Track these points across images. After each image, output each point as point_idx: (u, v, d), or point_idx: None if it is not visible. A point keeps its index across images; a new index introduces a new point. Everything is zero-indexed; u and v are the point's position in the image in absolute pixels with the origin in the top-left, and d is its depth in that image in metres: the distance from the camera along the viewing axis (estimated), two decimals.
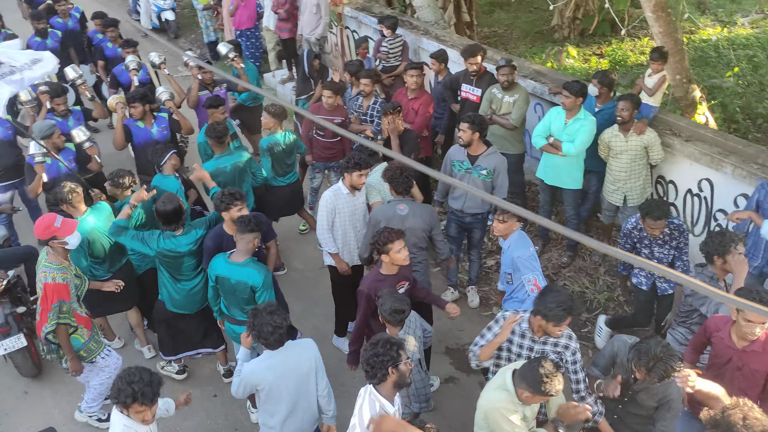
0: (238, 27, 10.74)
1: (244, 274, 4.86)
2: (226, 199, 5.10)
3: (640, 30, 11.47)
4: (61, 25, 10.00)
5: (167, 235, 5.19)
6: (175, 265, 5.28)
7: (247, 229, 4.84)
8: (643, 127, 6.14)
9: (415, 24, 9.20)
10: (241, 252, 4.92)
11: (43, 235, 4.87)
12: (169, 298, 5.46)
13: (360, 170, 5.39)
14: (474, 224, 6.32)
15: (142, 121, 6.92)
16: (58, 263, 4.91)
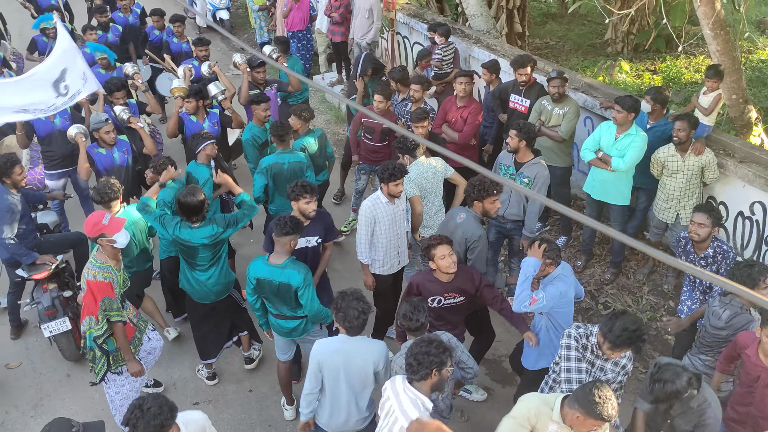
0: (290, 29, 10.89)
1: (285, 276, 4.91)
2: (297, 189, 5.24)
3: (697, 47, 11.26)
4: (122, 20, 10.31)
5: (185, 224, 5.27)
6: (189, 253, 5.37)
7: (283, 232, 4.89)
8: (701, 148, 6.02)
9: (467, 32, 9.19)
10: (279, 254, 4.97)
11: (93, 232, 4.88)
12: (189, 286, 5.53)
13: (396, 180, 5.39)
14: (514, 231, 6.32)
15: (195, 115, 7.11)
16: (103, 261, 4.89)
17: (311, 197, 5.26)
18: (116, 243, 4.91)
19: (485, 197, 5.27)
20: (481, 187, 5.25)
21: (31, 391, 5.97)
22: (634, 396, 5.31)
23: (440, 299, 4.88)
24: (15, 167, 5.89)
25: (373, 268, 5.75)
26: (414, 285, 4.94)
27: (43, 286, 5.96)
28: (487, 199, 5.28)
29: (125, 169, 6.67)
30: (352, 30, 10.12)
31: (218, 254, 5.45)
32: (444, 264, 4.71)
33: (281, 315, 5.16)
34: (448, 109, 7.27)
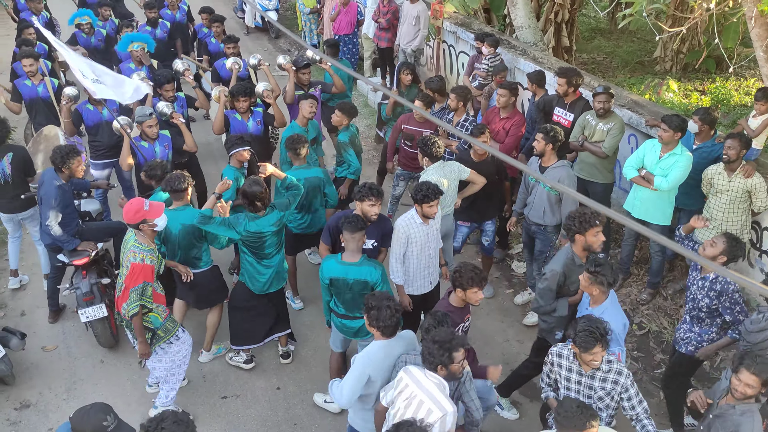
0: (337, 32, 11.01)
1: (363, 273, 5.03)
2: (364, 190, 5.34)
3: (748, 70, 11.03)
4: (170, 17, 10.53)
5: (251, 217, 5.39)
6: (258, 245, 5.48)
7: (357, 227, 5.03)
8: (751, 170, 5.87)
9: (514, 44, 9.16)
10: (352, 252, 5.08)
11: (135, 219, 5.01)
12: (251, 280, 5.65)
13: (430, 201, 5.33)
14: (537, 233, 6.38)
15: (240, 113, 7.19)
16: (147, 245, 5.07)
17: (376, 200, 5.34)
18: (157, 226, 5.09)
19: (587, 229, 4.93)
20: (582, 219, 4.93)
21: (65, 374, 6.10)
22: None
23: (462, 326, 4.87)
24: (75, 159, 6.04)
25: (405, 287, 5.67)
26: None
27: (83, 272, 6.11)
28: (589, 231, 4.93)
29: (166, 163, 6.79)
30: (398, 36, 10.17)
31: (282, 239, 5.65)
32: (475, 298, 4.71)
33: (349, 316, 5.24)
34: (490, 120, 7.25)
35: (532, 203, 6.28)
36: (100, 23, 10.21)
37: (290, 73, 7.88)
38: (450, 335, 4.01)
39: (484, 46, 8.34)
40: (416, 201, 5.40)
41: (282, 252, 5.71)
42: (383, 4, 10.16)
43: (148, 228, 5.06)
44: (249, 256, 5.57)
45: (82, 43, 9.91)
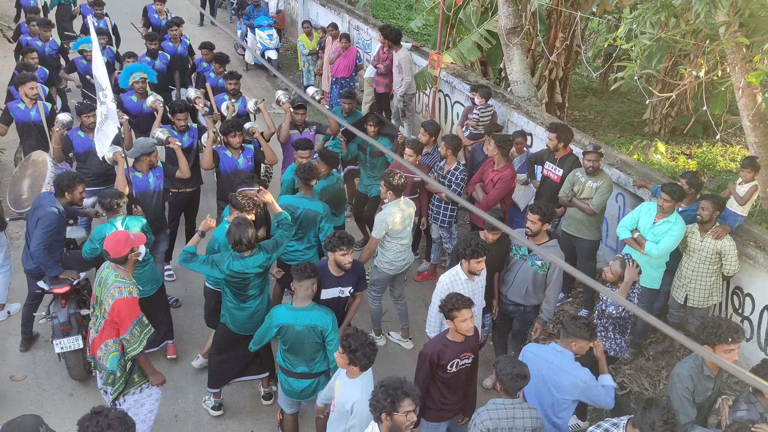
0: (334, 74, 11.17)
1: (312, 318, 4.95)
2: (335, 240, 5.33)
3: (734, 137, 11.25)
4: (171, 49, 10.65)
5: (236, 256, 5.30)
6: (241, 285, 5.38)
7: (305, 276, 5.01)
8: (721, 233, 5.98)
9: (508, 97, 9.32)
10: (301, 298, 5.04)
11: (124, 251, 4.91)
12: (232, 320, 5.54)
13: (478, 257, 5.25)
14: (515, 314, 6.14)
15: (230, 150, 7.19)
16: (129, 278, 4.95)
17: (348, 249, 5.34)
18: (141, 254, 5.06)
19: (717, 343, 4.39)
20: (714, 331, 4.42)
21: (31, 406, 5.90)
22: None
23: (458, 362, 4.78)
24: (79, 185, 6.03)
25: None
26: (430, 355, 4.71)
27: (62, 302, 5.99)
28: (719, 345, 4.39)
29: (157, 193, 6.77)
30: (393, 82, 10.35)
31: (266, 280, 5.56)
32: (464, 327, 4.64)
33: (293, 372, 5.13)
34: (485, 170, 7.30)
35: (512, 282, 6.00)
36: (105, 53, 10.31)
37: (287, 112, 7.94)
38: (399, 382, 3.80)
39: (476, 97, 8.48)
40: (463, 256, 5.29)
41: (265, 294, 5.60)
42: (383, 51, 10.35)
43: (134, 257, 4.99)
44: (231, 297, 5.47)
45: (81, 69, 9.97)
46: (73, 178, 5.99)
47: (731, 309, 6.46)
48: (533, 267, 5.87)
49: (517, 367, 4.17)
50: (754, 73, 5.45)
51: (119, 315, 4.81)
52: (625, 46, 6.68)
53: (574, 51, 11.40)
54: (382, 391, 3.75)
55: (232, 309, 5.51)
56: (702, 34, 6.86)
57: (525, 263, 5.92)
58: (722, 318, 5.01)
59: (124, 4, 15.50)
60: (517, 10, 9.28)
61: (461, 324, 4.63)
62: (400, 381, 3.80)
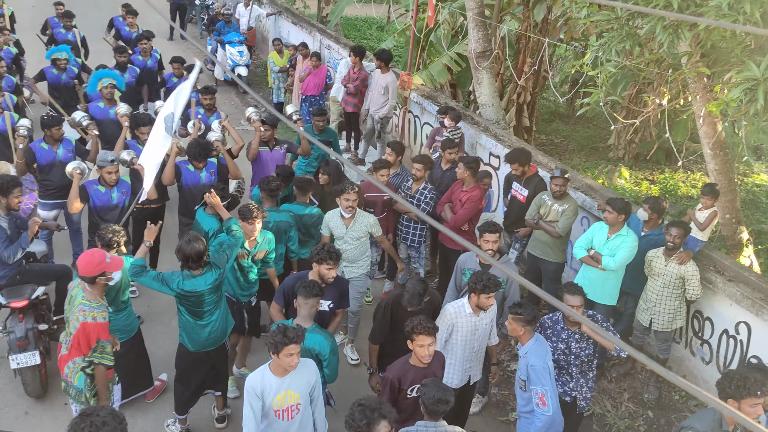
0: (304, 92, 11.19)
1: (312, 341, 4.81)
2: (322, 253, 5.27)
3: (695, 164, 11.56)
4: (141, 63, 10.56)
5: (187, 275, 5.15)
6: (195, 303, 5.25)
7: (312, 294, 4.87)
8: (685, 258, 6.12)
9: (477, 120, 9.43)
10: (305, 317, 4.88)
11: (94, 272, 4.76)
12: (189, 339, 5.42)
13: (489, 293, 5.05)
14: None
15: (192, 164, 7.08)
16: (97, 301, 4.80)
17: (334, 264, 5.30)
18: (112, 280, 4.91)
19: (744, 397, 4.12)
20: (740, 384, 4.14)
21: None
22: None
23: (418, 387, 4.65)
24: (15, 189, 5.88)
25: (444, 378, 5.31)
26: (392, 380, 4.63)
27: (19, 316, 5.81)
28: (745, 400, 4.11)
29: (121, 209, 6.66)
30: (366, 102, 10.39)
31: (221, 295, 5.44)
32: (421, 353, 4.54)
33: None
34: (454, 191, 7.36)
35: None
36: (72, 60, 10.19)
37: (256, 129, 7.91)
38: (377, 403, 3.74)
39: (446, 119, 8.56)
40: (473, 290, 5.12)
41: (222, 307, 5.46)
42: (354, 71, 10.39)
43: (104, 281, 4.83)
44: (186, 315, 5.32)
45: (50, 79, 9.81)
46: (6, 182, 5.82)
47: (692, 333, 6.59)
48: None
49: (441, 392, 4.09)
50: (714, 103, 5.61)
51: (82, 337, 4.68)
52: (591, 72, 6.84)
53: (541, 76, 11.62)
54: (360, 410, 3.69)
55: (188, 327, 5.36)
56: (665, 63, 7.05)
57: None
58: (748, 370, 4.82)
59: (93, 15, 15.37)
60: (486, 35, 9.44)
61: (418, 349, 4.55)
62: (378, 402, 3.75)
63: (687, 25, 5.48)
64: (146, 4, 4.41)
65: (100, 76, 8.74)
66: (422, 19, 10.51)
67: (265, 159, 7.77)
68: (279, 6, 16.33)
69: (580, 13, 6.46)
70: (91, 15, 16.05)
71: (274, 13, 16.00)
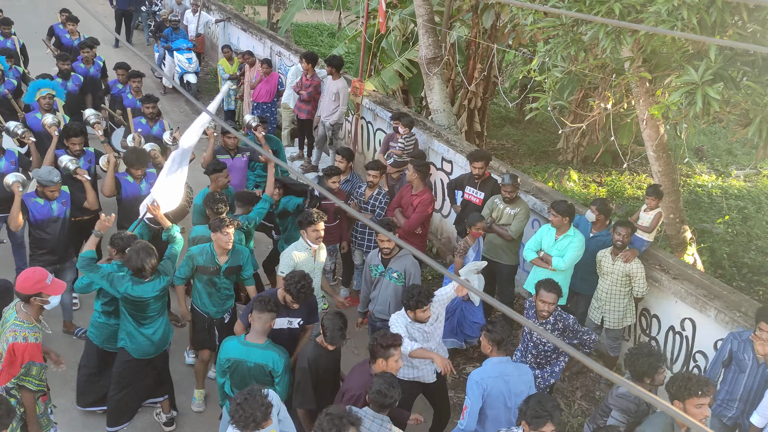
0: (256, 99, 11.11)
1: (265, 357, 4.78)
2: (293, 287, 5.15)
3: (640, 166, 11.89)
4: (83, 71, 10.29)
5: (136, 281, 5.14)
6: (139, 308, 5.23)
7: (267, 309, 4.83)
8: (630, 256, 6.30)
9: (429, 125, 9.52)
10: (259, 332, 4.85)
11: (31, 290, 4.61)
12: (133, 344, 5.35)
13: (423, 306, 5.13)
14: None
15: (132, 177, 6.94)
16: (30, 322, 4.62)
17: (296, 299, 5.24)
18: (48, 304, 4.70)
19: (687, 398, 4.23)
20: (683, 385, 4.25)
21: None
22: None
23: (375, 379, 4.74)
24: None
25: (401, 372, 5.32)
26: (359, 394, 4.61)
27: None
28: (689, 400, 4.22)
29: (62, 220, 6.47)
30: (319, 109, 10.38)
31: (165, 304, 5.42)
32: (397, 367, 4.62)
33: None
34: (403, 195, 7.42)
35: (377, 298, 6.11)
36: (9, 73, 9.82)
37: (211, 137, 7.80)
38: (343, 411, 3.82)
39: (399, 125, 8.61)
40: (408, 307, 5.18)
41: (164, 320, 5.43)
42: (306, 78, 10.37)
43: (39, 303, 4.65)
44: (130, 319, 5.28)
45: None
46: None
47: (640, 330, 6.78)
48: (392, 281, 6.01)
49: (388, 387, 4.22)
50: (656, 106, 5.80)
51: (11, 359, 4.50)
52: (539, 78, 6.99)
53: (491, 82, 11.81)
54: (328, 420, 3.72)
55: (132, 331, 5.32)
56: (609, 68, 7.25)
57: (384, 279, 6.05)
58: (691, 372, 5.04)
59: (33, 21, 14.95)
60: (437, 41, 9.54)
61: (395, 364, 4.60)
62: (345, 410, 3.81)
63: (629, 31, 5.65)
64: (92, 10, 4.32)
65: (38, 86, 8.46)
66: (373, 26, 10.57)
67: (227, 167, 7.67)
68: (228, 12, 16.18)
69: (527, 20, 6.60)
70: (30, 21, 15.59)
71: (223, 19, 15.84)
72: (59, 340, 6.74)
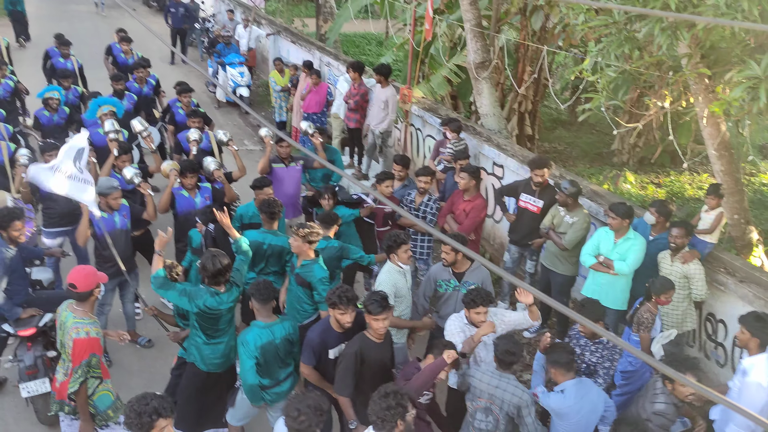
0: (306, 110, 11.21)
1: (286, 329, 5.17)
2: (334, 297, 4.89)
3: (701, 165, 11.50)
4: (137, 90, 10.53)
5: (212, 292, 5.11)
6: (212, 321, 5.21)
7: (269, 299, 5.12)
8: (689, 257, 6.06)
9: (479, 130, 9.42)
10: (267, 316, 5.15)
11: (93, 284, 4.86)
12: (201, 358, 5.35)
13: (475, 307, 5.11)
14: None
15: (186, 190, 7.05)
16: (89, 318, 4.85)
17: (346, 309, 4.89)
18: (101, 292, 5.02)
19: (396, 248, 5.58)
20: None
21: None
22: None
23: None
24: (15, 222, 5.81)
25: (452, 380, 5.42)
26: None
27: (28, 344, 5.81)
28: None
29: (125, 232, 6.63)
30: (368, 117, 10.41)
31: (233, 315, 5.47)
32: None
33: (276, 382, 5.19)
34: (455, 201, 7.34)
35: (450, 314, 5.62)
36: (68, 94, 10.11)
37: (267, 145, 7.93)
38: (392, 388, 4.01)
39: (447, 131, 8.55)
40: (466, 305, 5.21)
41: (233, 331, 5.46)
42: (354, 87, 10.42)
43: (97, 293, 4.94)
44: (200, 332, 5.26)
45: (44, 122, 9.39)
46: (4, 215, 5.78)
47: (705, 336, 6.51)
48: (463, 291, 5.80)
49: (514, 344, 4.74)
50: (716, 103, 5.59)
51: (78, 354, 4.74)
52: (591, 78, 6.82)
53: (542, 84, 11.63)
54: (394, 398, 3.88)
55: (201, 345, 5.31)
56: (665, 65, 7.04)
57: (459, 293, 5.84)
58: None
59: (94, 45, 15.49)
60: (485, 45, 9.45)
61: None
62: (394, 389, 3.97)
63: (685, 25, 5.47)
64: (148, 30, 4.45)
65: (100, 103, 8.72)
66: (420, 32, 10.54)
67: (281, 176, 7.78)
68: (278, 26, 16.44)
69: (578, 19, 6.47)
70: (93, 44, 16.15)
71: (273, 33, 16.10)
72: (124, 350, 6.91)
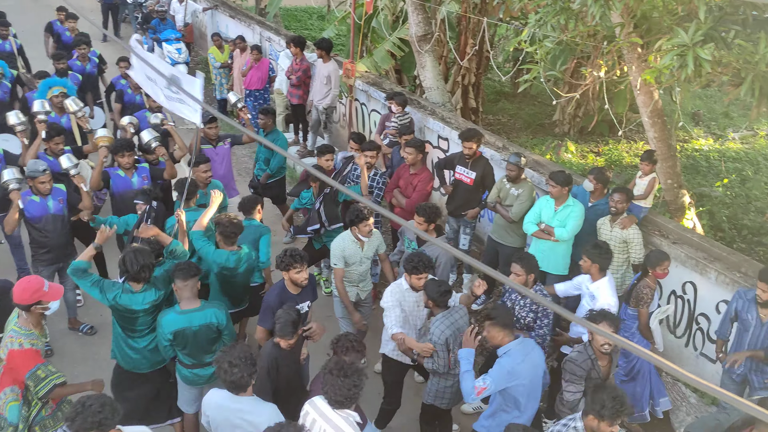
0: (247, 87, 11.08)
1: (207, 316, 4.90)
2: (286, 259, 5.11)
3: (637, 134, 11.88)
4: (80, 68, 10.18)
5: (126, 289, 4.94)
6: (128, 320, 5.01)
7: (191, 274, 4.91)
8: (628, 223, 6.31)
9: (423, 104, 9.49)
10: (190, 299, 4.92)
11: (30, 300, 4.53)
12: (121, 355, 5.17)
13: (417, 274, 5.23)
14: None
15: (123, 169, 6.86)
16: (28, 329, 4.57)
17: (301, 266, 5.13)
18: (49, 310, 4.65)
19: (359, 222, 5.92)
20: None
21: None
22: None
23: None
24: None
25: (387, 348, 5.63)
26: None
27: None
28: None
29: (60, 218, 6.38)
30: (311, 93, 10.34)
31: (155, 318, 5.09)
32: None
33: (200, 364, 5.03)
34: (401, 175, 7.42)
35: None
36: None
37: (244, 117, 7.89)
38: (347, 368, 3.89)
39: (392, 104, 8.59)
40: (406, 270, 5.33)
41: (155, 336, 5.03)
42: (296, 62, 10.32)
43: (40, 310, 4.60)
44: (119, 330, 5.07)
45: None
46: None
47: None
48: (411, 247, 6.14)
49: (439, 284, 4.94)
50: (648, 71, 5.77)
51: (12, 365, 4.48)
52: (530, 49, 6.95)
53: (484, 56, 11.74)
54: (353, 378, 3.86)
55: (120, 343, 5.11)
56: (600, 35, 7.21)
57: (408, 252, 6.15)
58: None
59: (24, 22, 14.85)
60: (426, 18, 9.48)
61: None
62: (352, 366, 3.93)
63: None
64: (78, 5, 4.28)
65: (50, 84, 8.37)
66: (361, 6, 10.49)
67: (210, 156, 7.66)
68: (215, 0, 16.06)
69: None
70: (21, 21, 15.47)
71: (210, 7, 15.72)
72: (66, 338, 6.78)
